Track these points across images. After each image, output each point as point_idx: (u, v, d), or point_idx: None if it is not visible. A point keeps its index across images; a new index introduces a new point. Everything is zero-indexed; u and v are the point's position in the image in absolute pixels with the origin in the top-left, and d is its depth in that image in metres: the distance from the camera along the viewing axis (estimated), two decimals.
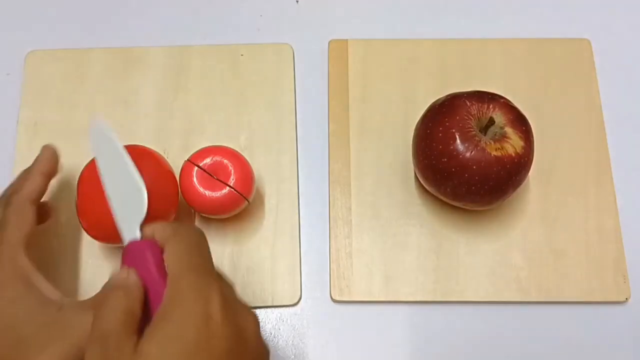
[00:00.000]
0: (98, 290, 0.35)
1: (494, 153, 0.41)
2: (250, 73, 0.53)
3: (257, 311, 0.46)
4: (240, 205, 0.44)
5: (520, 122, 0.43)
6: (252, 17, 0.56)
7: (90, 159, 0.43)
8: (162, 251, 0.32)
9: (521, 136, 0.42)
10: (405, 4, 0.57)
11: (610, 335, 0.47)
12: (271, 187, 0.50)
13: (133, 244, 0.33)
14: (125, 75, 0.53)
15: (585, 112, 0.52)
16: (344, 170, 0.50)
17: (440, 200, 0.47)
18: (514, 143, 0.42)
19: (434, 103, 0.45)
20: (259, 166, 0.50)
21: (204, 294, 0.30)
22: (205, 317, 0.29)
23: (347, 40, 0.54)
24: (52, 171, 0.42)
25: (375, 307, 0.47)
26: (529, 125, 0.43)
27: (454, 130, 0.42)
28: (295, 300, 0.47)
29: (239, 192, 0.43)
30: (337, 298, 0.47)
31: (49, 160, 0.41)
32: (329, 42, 0.54)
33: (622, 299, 0.47)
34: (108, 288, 0.32)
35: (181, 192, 0.44)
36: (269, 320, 0.47)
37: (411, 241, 0.48)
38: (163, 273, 0.32)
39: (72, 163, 0.49)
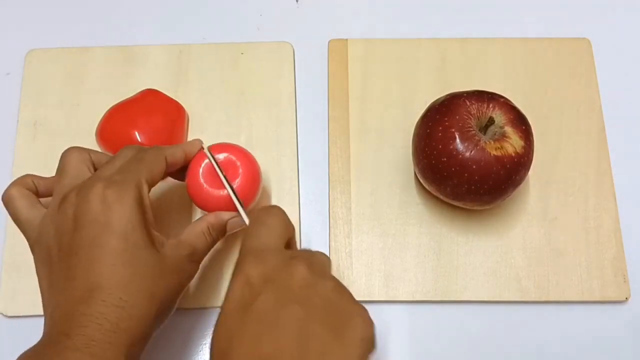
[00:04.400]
0: None
1: (493, 152, 0.41)
2: (251, 72, 0.53)
3: None
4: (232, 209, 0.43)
5: (520, 121, 0.43)
6: (252, 17, 0.56)
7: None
8: None
9: (521, 136, 0.42)
10: (405, 4, 0.57)
11: (610, 335, 0.47)
12: (271, 186, 0.50)
13: None
14: (125, 73, 0.53)
15: (585, 111, 0.52)
16: (344, 170, 0.50)
17: (440, 200, 0.47)
18: (513, 142, 0.42)
19: (433, 102, 0.45)
20: (259, 165, 0.50)
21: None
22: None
23: (346, 39, 0.54)
24: (191, 155, 0.43)
25: (375, 306, 0.47)
26: (529, 125, 0.43)
27: (453, 130, 0.42)
28: None
29: (237, 199, 0.41)
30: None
31: (191, 146, 0.43)
32: (329, 42, 0.54)
33: (622, 298, 0.47)
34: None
35: (186, 180, 0.43)
36: None
37: (411, 241, 0.48)
38: None
39: None
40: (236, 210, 0.41)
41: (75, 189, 0.37)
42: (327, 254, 0.48)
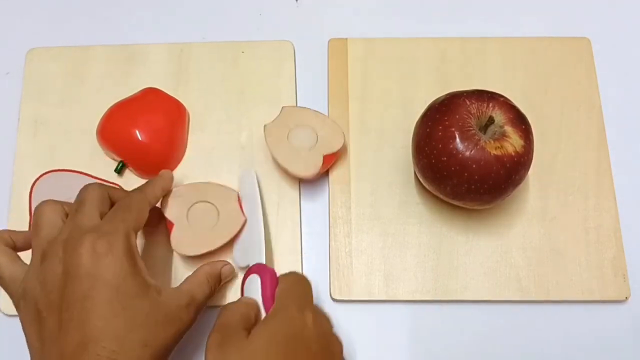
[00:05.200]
0: None
1: (493, 152, 0.41)
2: (251, 70, 0.53)
3: None
4: None
5: (519, 121, 0.43)
6: (252, 16, 0.56)
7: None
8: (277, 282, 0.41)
9: (521, 135, 0.42)
10: (405, 3, 0.57)
11: (610, 335, 0.47)
12: (272, 185, 0.50)
13: (260, 265, 0.42)
14: (125, 72, 0.53)
15: (585, 111, 0.52)
16: (344, 169, 0.50)
17: (440, 199, 0.47)
18: (513, 142, 0.42)
19: (433, 102, 0.45)
20: (259, 164, 0.50)
21: (302, 309, 0.38)
22: (302, 322, 0.38)
23: (346, 39, 0.54)
24: (168, 190, 0.45)
25: (375, 306, 0.47)
26: (529, 124, 0.43)
27: (453, 129, 0.42)
28: None
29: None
30: (337, 297, 0.47)
31: (168, 181, 0.45)
32: (329, 41, 0.54)
33: (622, 297, 0.47)
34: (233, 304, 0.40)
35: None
36: None
37: (411, 240, 0.48)
38: (273, 295, 0.40)
39: (72, 161, 0.50)
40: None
41: (59, 243, 0.36)
42: (327, 253, 0.48)
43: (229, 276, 0.45)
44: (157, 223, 0.46)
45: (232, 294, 0.46)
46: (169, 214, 0.45)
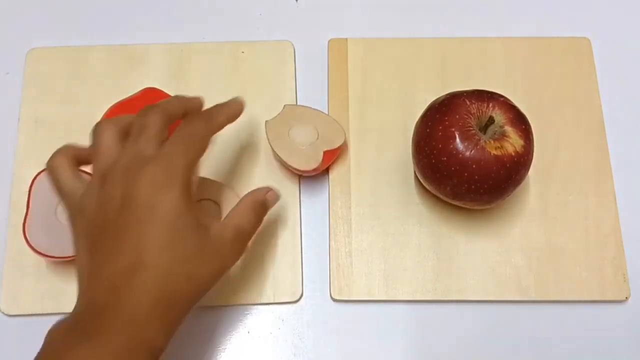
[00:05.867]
0: None
1: (493, 152, 0.41)
2: (251, 70, 0.53)
3: (258, 309, 0.46)
4: None
5: (519, 121, 0.43)
6: (252, 16, 0.56)
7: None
8: None
9: (521, 135, 0.42)
10: (405, 3, 0.57)
11: (610, 334, 0.47)
12: (272, 185, 0.49)
13: None
14: (126, 72, 0.53)
15: (585, 110, 0.52)
16: (344, 169, 0.50)
17: (440, 199, 0.47)
18: (513, 142, 0.42)
19: (433, 102, 0.45)
20: (259, 164, 0.50)
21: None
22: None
23: (346, 39, 0.54)
24: (233, 121, 0.43)
25: (375, 306, 0.47)
26: (529, 124, 0.43)
27: (453, 129, 0.42)
28: (297, 297, 0.47)
29: None
30: (337, 297, 0.47)
31: (236, 111, 0.43)
32: (329, 41, 0.54)
33: (622, 297, 0.47)
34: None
35: None
36: (268, 319, 0.47)
37: (411, 240, 0.48)
38: None
39: None
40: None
41: (119, 169, 0.37)
42: (327, 252, 0.48)
43: (275, 201, 0.43)
44: None
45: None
46: None
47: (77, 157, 0.40)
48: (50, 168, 0.40)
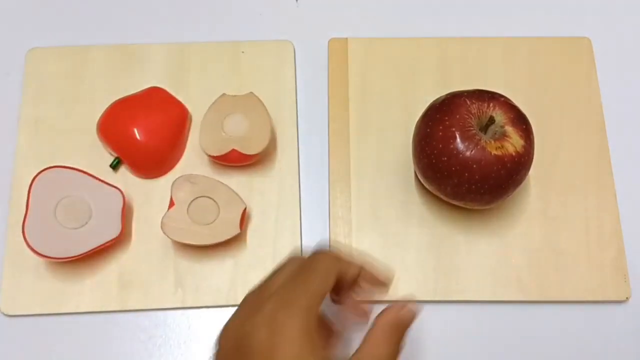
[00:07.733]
0: None
1: (494, 152, 0.41)
2: (251, 70, 0.53)
3: None
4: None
5: (520, 121, 0.43)
6: (252, 16, 0.56)
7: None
8: None
9: (521, 135, 0.42)
10: (406, 3, 0.57)
11: (611, 335, 0.47)
12: (272, 185, 0.50)
13: None
14: (125, 72, 0.53)
15: (585, 111, 0.52)
16: (344, 169, 0.50)
17: (441, 200, 0.47)
18: (514, 142, 0.42)
19: (434, 102, 0.45)
20: (260, 164, 0.50)
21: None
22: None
23: (347, 38, 0.54)
24: (374, 284, 0.39)
25: (375, 306, 0.47)
26: (529, 124, 0.43)
27: (454, 129, 0.42)
28: None
29: None
30: (337, 297, 0.46)
31: (377, 280, 0.39)
32: (329, 41, 0.54)
33: (623, 298, 0.47)
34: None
35: None
36: None
37: (411, 240, 0.48)
38: None
39: (72, 161, 0.49)
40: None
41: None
42: None
43: (412, 320, 0.35)
44: None
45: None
46: (175, 193, 0.46)
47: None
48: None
